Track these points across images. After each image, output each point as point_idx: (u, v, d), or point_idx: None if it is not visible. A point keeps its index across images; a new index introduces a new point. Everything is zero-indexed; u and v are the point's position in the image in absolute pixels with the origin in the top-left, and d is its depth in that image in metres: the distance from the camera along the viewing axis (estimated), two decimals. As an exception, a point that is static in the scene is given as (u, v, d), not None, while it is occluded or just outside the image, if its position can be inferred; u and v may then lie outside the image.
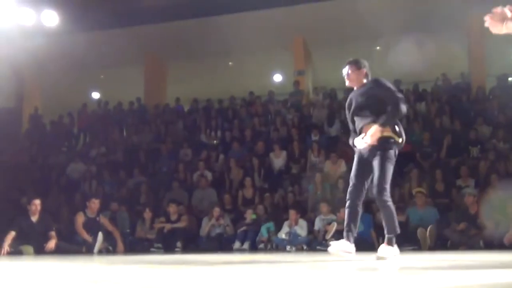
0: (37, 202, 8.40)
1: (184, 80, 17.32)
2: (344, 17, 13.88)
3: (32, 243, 8.13)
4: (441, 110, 12.46)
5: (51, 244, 8.16)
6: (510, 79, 14.42)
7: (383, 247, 4.62)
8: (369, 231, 8.33)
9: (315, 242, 8.71)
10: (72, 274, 3.58)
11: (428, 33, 13.52)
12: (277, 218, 9.47)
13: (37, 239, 8.21)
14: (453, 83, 14.45)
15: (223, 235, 9.58)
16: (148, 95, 16.47)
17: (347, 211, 4.71)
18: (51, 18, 11.77)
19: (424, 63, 13.74)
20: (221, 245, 9.34)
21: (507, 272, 3.08)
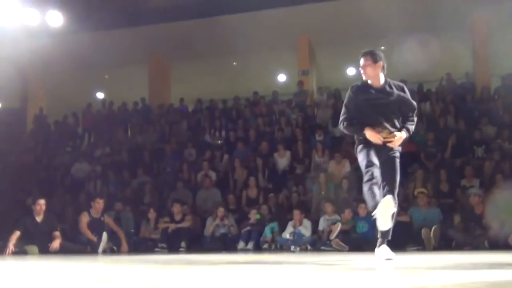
0: (42, 202, 8.42)
1: (188, 80, 17.34)
2: (348, 17, 13.85)
3: (36, 243, 8.15)
4: (446, 110, 12.43)
5: (56, 244, 8.18)
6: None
7: (383, 248, 4.64)
8: (373, 232, 8.30)
9: (319, 242, 8.72)
10: (76, 274, 3.59)
11: (432, 32, 13.48)
12: (281, 218, 9.46)
13: (42, 239, 8.23)
14: (458, 83, 14.38)
15: (227, 235, 9.59)
16: (152, 95, 16.48)
17: (373, 187, 4.51)
18: (55, 18, 11.80)
19: (428, 63, 13.69)
20: (225, 245, 9.34)
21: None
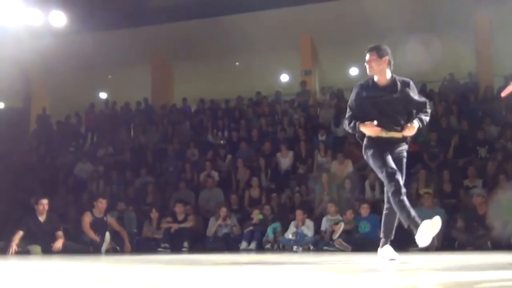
0: (45, 201, 8.42)
1: (191, 80, 17.36)
2: (351, 17, 13.84)
3: (39, 242, 8.15)
4: (449, 110, 12.40)
5: (59, 243, 8.18)
6: (518, 79, 14.33)
7: (386, 248, 4.62)
8: (376, 232, 8.30)
9: (322, 242, 8.71)
10: (79, 273, 3.59)
11: (435, 32, 13.45)
12: (283, 218, 9.45)
13: (45, 239, 8.22)
14: (461, 83, 14.36)
15: (229, 235, 9.59)
16: (155, 95, 16.50)
17: (403, 199, 4.28)
18: (58, 18, 11.83)
19: (431, 63, 13.66)
20: (227, 245, 9.34)
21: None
